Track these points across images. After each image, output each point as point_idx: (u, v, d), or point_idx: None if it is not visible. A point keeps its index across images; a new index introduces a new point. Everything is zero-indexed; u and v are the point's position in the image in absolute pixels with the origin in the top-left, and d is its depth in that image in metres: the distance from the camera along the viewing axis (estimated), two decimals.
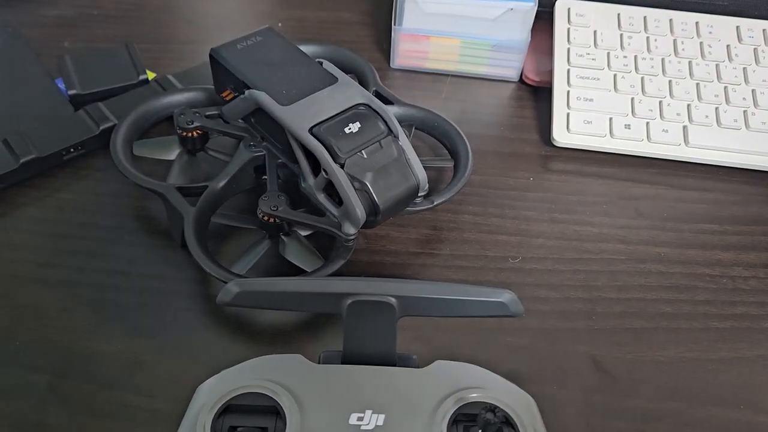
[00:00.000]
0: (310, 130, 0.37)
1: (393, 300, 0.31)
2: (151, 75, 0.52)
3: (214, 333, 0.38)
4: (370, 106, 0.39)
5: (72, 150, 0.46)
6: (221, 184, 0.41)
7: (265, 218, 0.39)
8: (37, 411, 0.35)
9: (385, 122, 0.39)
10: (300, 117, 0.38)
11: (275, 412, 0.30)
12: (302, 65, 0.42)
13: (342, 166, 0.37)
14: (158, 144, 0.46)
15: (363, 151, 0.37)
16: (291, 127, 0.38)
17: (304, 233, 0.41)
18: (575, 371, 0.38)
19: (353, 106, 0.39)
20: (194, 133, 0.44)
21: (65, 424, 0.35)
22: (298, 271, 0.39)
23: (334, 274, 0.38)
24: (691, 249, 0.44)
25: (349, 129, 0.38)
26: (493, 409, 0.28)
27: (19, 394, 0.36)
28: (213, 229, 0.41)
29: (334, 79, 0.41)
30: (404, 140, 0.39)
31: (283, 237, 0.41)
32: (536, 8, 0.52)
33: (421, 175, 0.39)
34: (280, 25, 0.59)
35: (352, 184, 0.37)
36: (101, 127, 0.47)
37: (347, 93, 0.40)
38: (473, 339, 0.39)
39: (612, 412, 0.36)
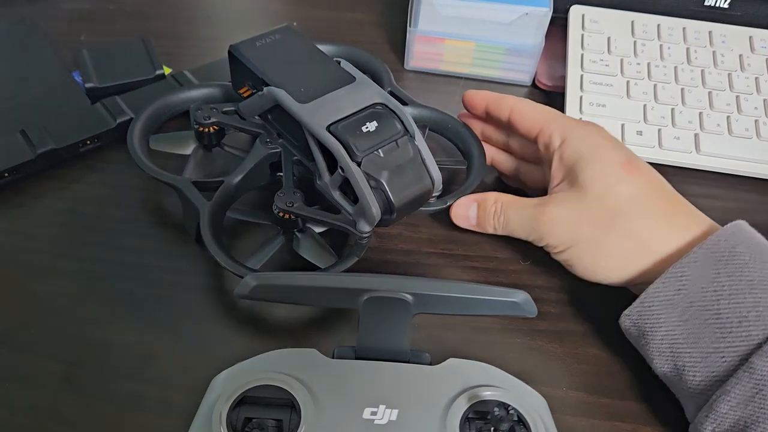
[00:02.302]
0: (328, 128, 0.38)
1: (409, 297, 0.31)
2: (167, 70, 0.53)
3: (226, 326, 0.39)
4: (387, 106, 0.40)
5: (89, 142, 0.47)
6: (237, 179, 0.41)
7: (281, 214, 0.39)
8: (52, 399, 0.35)
9: (402, 122, 0.39)
10: (318, 115, 0.38)
11: (290, 405, 0.30)
12: (321, 64, 0.42)
13: (359, 164, 0.37)
14: (174, 138, 0.46)
15: (380, 150, 0.37)
16: (309, 125, 0.38)
17: (318, 230, 0.42)
18: (586, 373, 0.38)
19: (370, 105, 0.39)
20: (211, 128, 0.44)
21: (79, 412, 0.35)
22: (311, 268, 0.40)
23: (347, 271, 0.38)
24: None
25: (366, 128, 0.38)
26: (506, 407, 0.28)
27: (34, 382, 0.36)
28: (227, 223, 0.42)
29: (352, 78, 0.41)
30: (420, 140, 0.39)
31: (297, 233, 0.41)
32: (551, 13, 0.52)
33: (436, 175, 0.39)
34: (295, 24, 0.60)
35: (368, 183, 0.37)
36: (118, 121, 0.47)
37: (365, 92, 0.40)
38: (484, 339, 0.39)
39: (617, 413, 0.37)
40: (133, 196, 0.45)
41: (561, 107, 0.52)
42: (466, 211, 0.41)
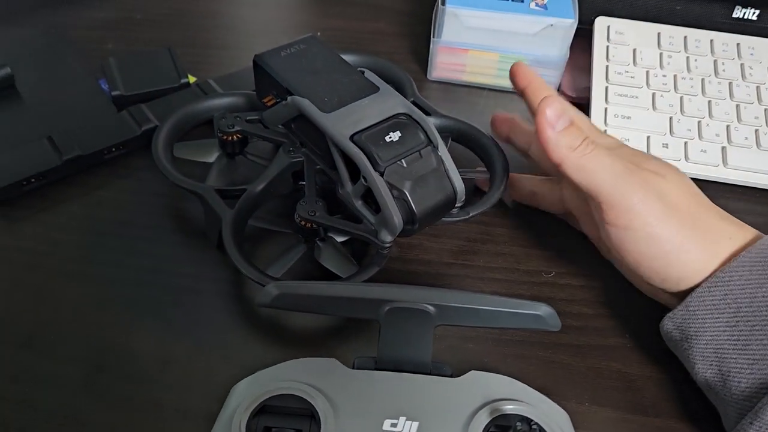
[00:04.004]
0: (351, 138, 0.38)
1: (431, 308, 0.31)
2: (192, 79, 0.53)
3: (246, 334, 0.39)
4: (411, 116, 0.39)
5: (114, 149, 0.47)
6: (259, 187, 0.41)
7: (303, 223, 0.39)
8: (70, 403, 0.35)
9: (425, 132, 0.39)
10: (341, 124, 0.38)
11: (310, 414, 0.30)
12: (344, 74, 0.42)
13: (381, 174, 0.37)
14: (198, 146, 0.46)
15: (403, 160, 0.37)
16: (332, 134, 0.38)
17: (339, 239, 0.41)
18: (608, 388, 0.37)
19: (394, 115, 0.39)
20: (234, 137, 0.44)
21: (97, 416, 0.35)
22: (332, 277, 0.39)
23: (369, 281, 0.38)
24: None
25: (390, 138, 0.38)
26: (528, 421, 0.28)
27: (53, 384, 0.36)
28: (249, 231, 0.42)
29: (375, 89, 0.41)
30: (444, 151, 0.39)
31: (318, 242, 0.41)
32: (576, 25, 0.52)
33: (459, 185, 0.39)
34: (318, 34, 0.60)
35: (391, 192, 0.37)
36: (143, 128, 0.48)
37: (388, 102, 0.40)
38: (505, 351, 0.39)
39: (641, 429, 0.36)
40: (156, 203, 0.45)
41: None
42: (557, 115, 0.36)
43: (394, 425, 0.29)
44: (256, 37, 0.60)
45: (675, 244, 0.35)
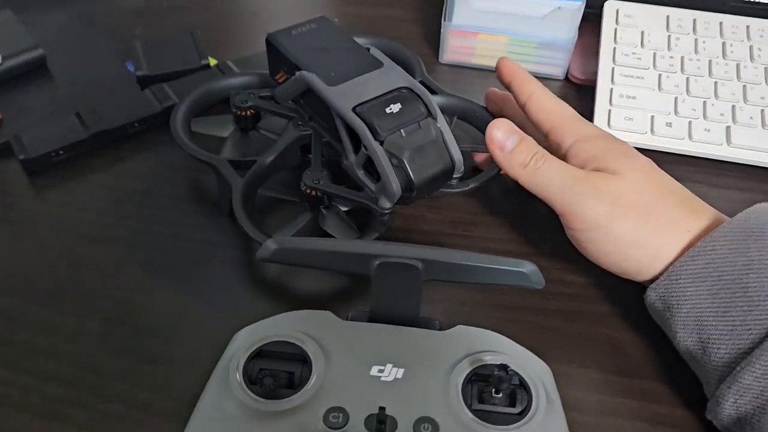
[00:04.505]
0: (354, 109, 0.40)
1: (418, 263, 0.33)
2: (212, 61, 0.56)
3: (253, 293, 0.41)
4: (412, 90, 0.41)
5: (137, 125, 0.50)
6: (269, 159, 0.44)
7: (308, 191, 0.42)
8: (91, 352, 0.38)
9: (426, 105, 0.41)
10: (345, 97, 0.40)
11: (303, 360, 0.32)
12: (351, 51, 0.44)
13: (381, 144, 0.39)
14: (214, 121, 0.49)
15: (402, 130, 0.39)
16: (336, 106, 0.40)
17: (343, 209, 0.43)
18: (596, 351, 0.39)
19: (396, 89, 0.41)
20: (248, 112, 0.47)
21: (114, 365, 0.38)
22: None
23: None
24: None
25: (390, 109, 0.40)
26: (506, 369, 0.29)
27: (74, 336, 0.39)
28: (259, 202, 0.44)
29: (380, 64, 0.43)
30: (443, 122, 0.41)
31: (323, 210, 0.43)
32: (584, 7, 0.53)
33: (457, 156, 0.40)
34: (336, 20, 0.62)
35: (390, 161, 0.39)
36: (163, 105, 0.50)
37: (391, 77, 0.42)
38: (499, 315, 0.40)
39: (625, 390, 0.37)
40: (174, 175, 0.48)
41: (591, 100, 0.52)
42: (505, 135, 0.39)
43: (381, 371, 0.31)
44: (275, 22, 0.61)
45: (629, 239, 0.36)
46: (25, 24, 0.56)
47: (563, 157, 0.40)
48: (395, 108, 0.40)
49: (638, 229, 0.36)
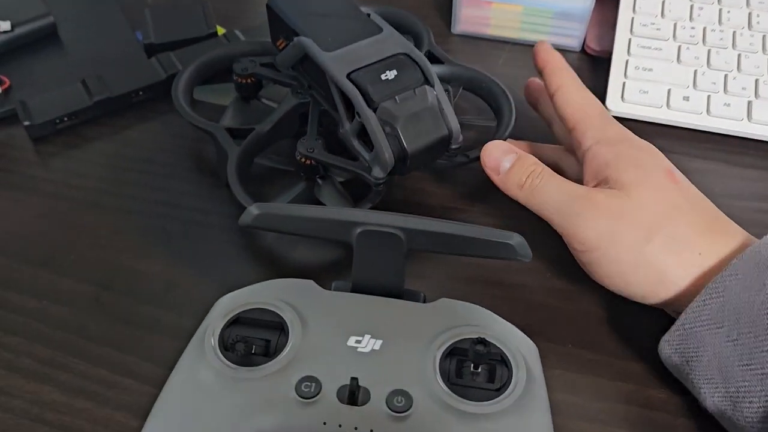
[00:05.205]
0: (349, 75, 0.39)
1: (400, 232, 0.32)
2: (221, 30, 0.55)
3: (245, 262, 0.41)
4: (410, 56, 0.40)
5: (141, 93, 0.50)
6: (267, 128, 0.43)
7: (302, 159, 0.41)
8: (81, 316, 0.38)
9: (423, 71, 0.39)
10: (341, 62, 0.39)
11: (280, 328, 0.31)
12: (351, 17, 0.43)
13: (375, 110, 0.38)
14: (217, 90, 0.48)
15: (396, 97, 0.38)
16: (331, 72, 0.39)
17: (340, 179, 0.43)
18: (593, 332, 0.37)
19: (393, 55, 0.40)
20: (248, 80, 0.46)
21: (103, 330, 0.38)
22: None
23: None
24: (742, 225, 0.42)
25: (386, 76, 0.38)
26: (484, 342, 0.28)
27: (67, 299, 0.39)
28: (257, 171, 0.44)
29: (379, 30, 0.42)
30: (440, 90, 0.39)
31: (319, 180, 0.42)
32: None
33: (455, 125, 0.39)
34: None
35: (383, 129, 0.38)
36: (168, 73, 0.50)
37: (389, 43, 0.40)
38: (494, 293, 0.39)
39: (621, 373, 0.36)
40: (176, 144, 0.48)
41: (607, 73, 0.50)
42: (501, 156, 0.38)
43: (358, 341, 0.30)
44: None
45: (629, 262, 0.33)
46: None
47: (582, 157, 0.38)
48: (391, 74, 0.39)
49: (640, 251, 0.33)
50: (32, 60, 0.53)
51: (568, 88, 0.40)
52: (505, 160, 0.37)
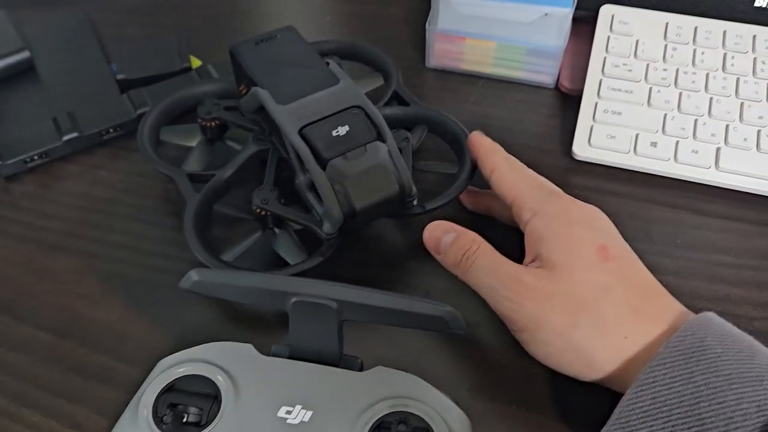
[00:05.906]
0: (300, 131, 0.39)
1: (333, 303, 0.32)
2: (196, 63, 0.56)
3: (201, 313, 0.41)
4: (363, 110, 0.40)
5: (111, 131, 0.50)
6: (227, 174, 0.43)
7: (257, 210, 0.41)
8: (36, 365, 0.39)
9: (376, 126, 0.39)
10: (293, 116, 0.39)
11: (215, 395, 0.32)
12: (310, 66, 0.43)
13: (324, 168, 0.38)
14: (183, 131, 0.49)
15: (348, 154, 0.38)
16: (283, 127, 0.39)
17: (297, 227, 0.43)
18: (544, 395, 0.37)
19: (346, 108, 0.40)
20: (212, 123, 0.46)
21: (56, 380, 0.39)
22: (284, 263, 0.41)
23: (313, 269, 0.39)
24: (698, 281, 0.41)
25: (337, 132, 0.39)
26: (404, 422, 0.28)
27: (25, 348, 0.40)
28: (219, 217, 0.44)
29: (336, 81, 0.42)
30: (392, 145, 0.39)
31: (276, 230, 0.42)
32: (572, 14, 0.50)
33: (407, 180, 0.39)
34: (328, 19, 0.61)
35: (333, 186, 0.38)
36: (138, 111, 0.51)
37: (344, 95, 0.40)
38: (443, 348, 0.39)
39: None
40: (144, 184, 0.48)
41: (576, 113, 0.50)
42: (441, 234, 0.38)
43: (288, 412, 0.30)
44: (270, 22, 0.61)
45: (557, 344, 0.34)
46: (16, 24, 0.56)
47: (524, 230, 0.38)
48: (342, 131, 0.39)
49: (568, 335, 0.33)
50: (8, 95, 0.54)
51: (500, 168, 0.40)
52: (446, 238, 0.38)
